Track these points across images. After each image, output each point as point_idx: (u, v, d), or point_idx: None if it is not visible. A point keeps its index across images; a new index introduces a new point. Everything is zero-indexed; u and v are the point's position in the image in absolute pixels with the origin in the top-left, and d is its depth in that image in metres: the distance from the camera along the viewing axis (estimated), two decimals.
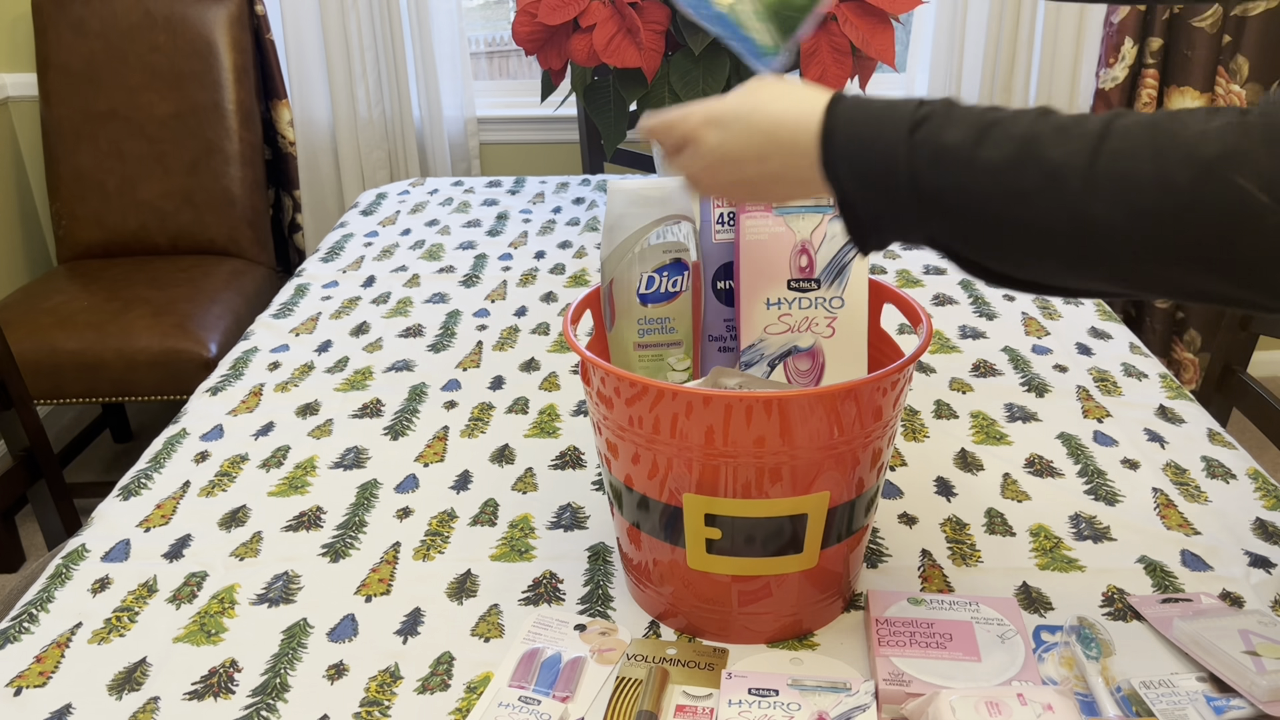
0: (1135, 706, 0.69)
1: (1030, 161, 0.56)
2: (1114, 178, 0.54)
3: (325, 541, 0.92)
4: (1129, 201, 0.54)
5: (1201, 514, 0.92)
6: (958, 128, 0.58)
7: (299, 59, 2.53)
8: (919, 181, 0.59)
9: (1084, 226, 0.55)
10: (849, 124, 0.61)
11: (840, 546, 0.76)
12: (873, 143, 0.60)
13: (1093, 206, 0.55)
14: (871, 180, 0.61)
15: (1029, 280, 0.61)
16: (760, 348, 0.80)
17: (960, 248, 0.61)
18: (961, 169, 0.58)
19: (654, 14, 1.52)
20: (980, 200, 0.58)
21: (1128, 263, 0.56)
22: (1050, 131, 0.57)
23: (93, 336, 2.02)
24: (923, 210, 0.60)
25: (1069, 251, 0.57)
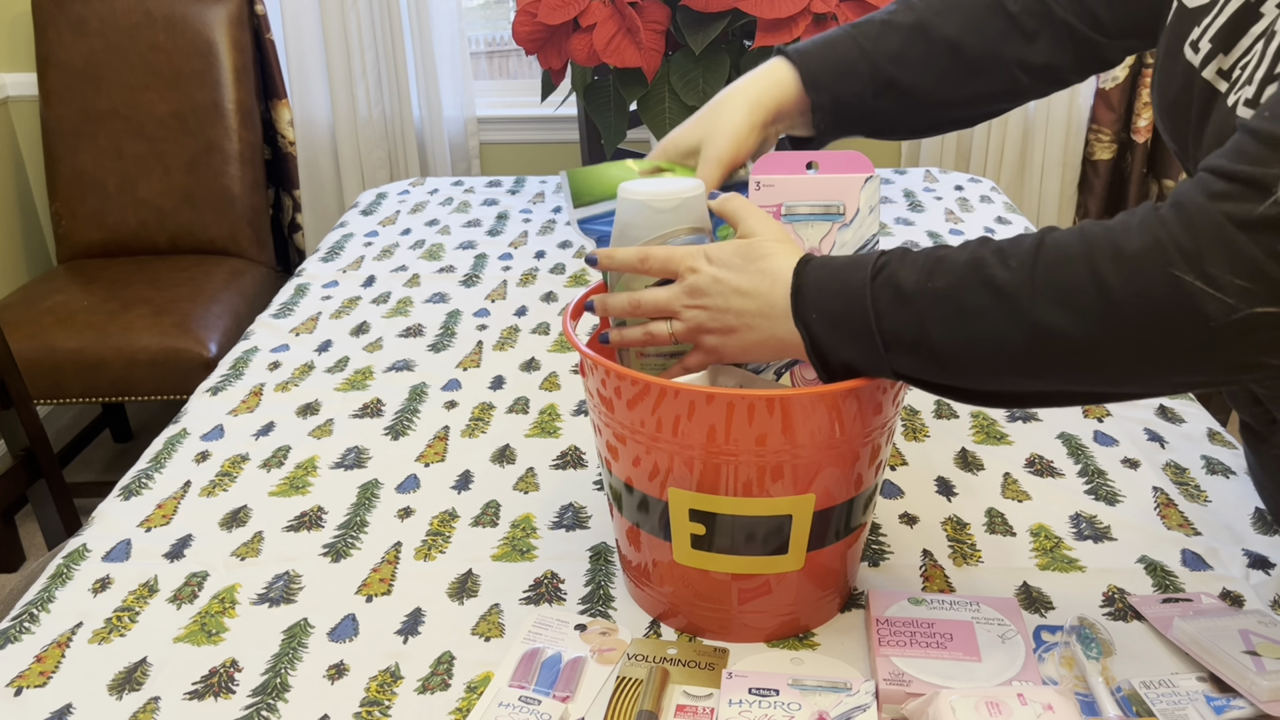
0: (1135, 706, 0.69)
1: (978, 282, 0.61)
2: (1054, 284, 0.59)
3: (326, 541, 0.92)
4: (1072, 304, 0.58)
5: (1201, 514, 0.92)
6: (911, 267, 0.64)
7: (299, 59, 2.54)
8: (882, 321, 0.64)
9: (1037, 335, 0.60)
10: (817, 280, 0.67)
11: (839, 545, 0.76)
12: (839, 291, 0.66)
13: (1041, 315, 0.59)
14: (839, 325, 0.66)
15: (1000, 393, 0.65)
16: None
17: (929, 375, 0.65)
18: (918, 301, 0.63)
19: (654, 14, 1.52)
20: (939, 326, 0.62)
21: (1095, 363, 0.59)
22: (991, 254, 0.62)
23: (93, 336, 2.02)
24: (889, 346, 0.64)
25: (1029, 362, 0.61)
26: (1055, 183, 2.56)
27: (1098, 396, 0.63)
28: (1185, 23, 0.72)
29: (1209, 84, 0.69)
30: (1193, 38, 0.71)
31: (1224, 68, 0.68)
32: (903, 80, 0.86)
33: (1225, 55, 0.68)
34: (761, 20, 1.46)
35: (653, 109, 1.55)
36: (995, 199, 1.73)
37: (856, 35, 0.87)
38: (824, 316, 0.66)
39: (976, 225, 1.60)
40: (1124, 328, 0.57)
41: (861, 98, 0.86)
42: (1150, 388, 0.61)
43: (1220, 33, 0.68)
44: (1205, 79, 0.69)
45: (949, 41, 0.85)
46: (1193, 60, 0.70)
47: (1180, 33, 0.73)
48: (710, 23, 1.48)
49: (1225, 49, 0.68)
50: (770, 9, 1.45)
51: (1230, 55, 0.67)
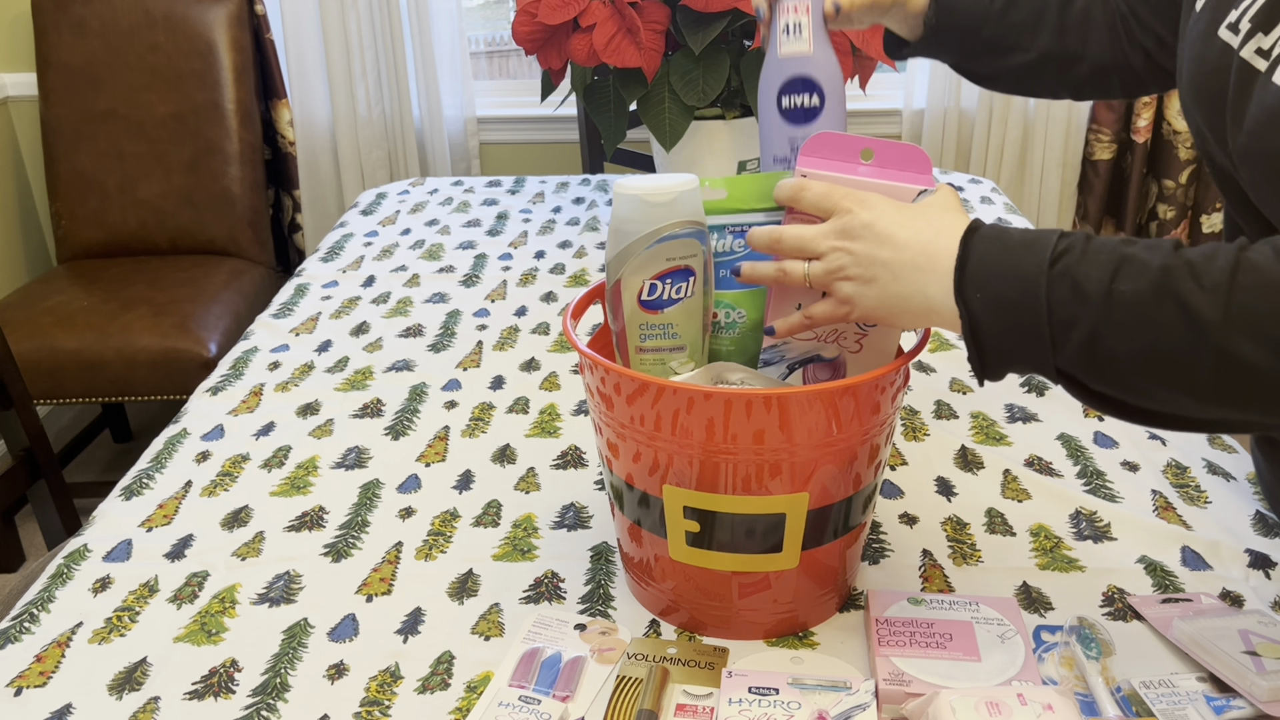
0: (1135, 707, 0.69)
1: (1165, 296, 0.57)
2: (1251, 313, 0.55)
3: (327, 541, 0.92)
4: (1269, 336, 0.55)
5: (1201, 516, 0.92)
6: (1094, 262, 0.59)
7: (299, 59, 2.54)
8: (1055, 314, 0.59)
9: (1225, 364, 0.56)
10: (987, 253, 0.62)
11: (837, 543, 0.76)
12: (1011, 273, 0.61)
13: (1233, 344, 0.55)
14: (1006, 310, 0.61)
15: (1165, 413, 0.61)
16: (782, 349, 0.79)
17: (1091, 380, 0.61)
18: (1098, 303, 0.58)
19: (654, 14, 1.52)
20: (1117, 334, 0.58)
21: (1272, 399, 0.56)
22: (1184, 265, 0.57)
23: (93, 336, 2.02)
24: (1056, 343, 0.60)
25: (1210, 389, 0.57)
26: (1055, 183, 2.56)
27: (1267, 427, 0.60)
28: (1221, 7, 0.72)
29: (1247, 64, 0.67)
30: (1230, 20, 0.70)
31: (1263, 47, 0.66)
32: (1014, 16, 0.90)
33: (1265, 35, 0.66)
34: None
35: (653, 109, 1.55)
36: (996, 200, 1.73)
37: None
38: (991, 299, 0.61)
39: None
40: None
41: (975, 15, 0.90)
42: None
43: (1261, 12, 0.67)
44: (1243, 59, 0.68)
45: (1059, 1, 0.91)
46: (1231, 42, 0.69)
47: (1216, 18, 0.72)
48: (710, 23, 1.48)
49: (1266, 29, 0.66)
50: None
51: (1271, 34, 0.66)
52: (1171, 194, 2.51)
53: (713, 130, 1.56)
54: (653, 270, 0.77)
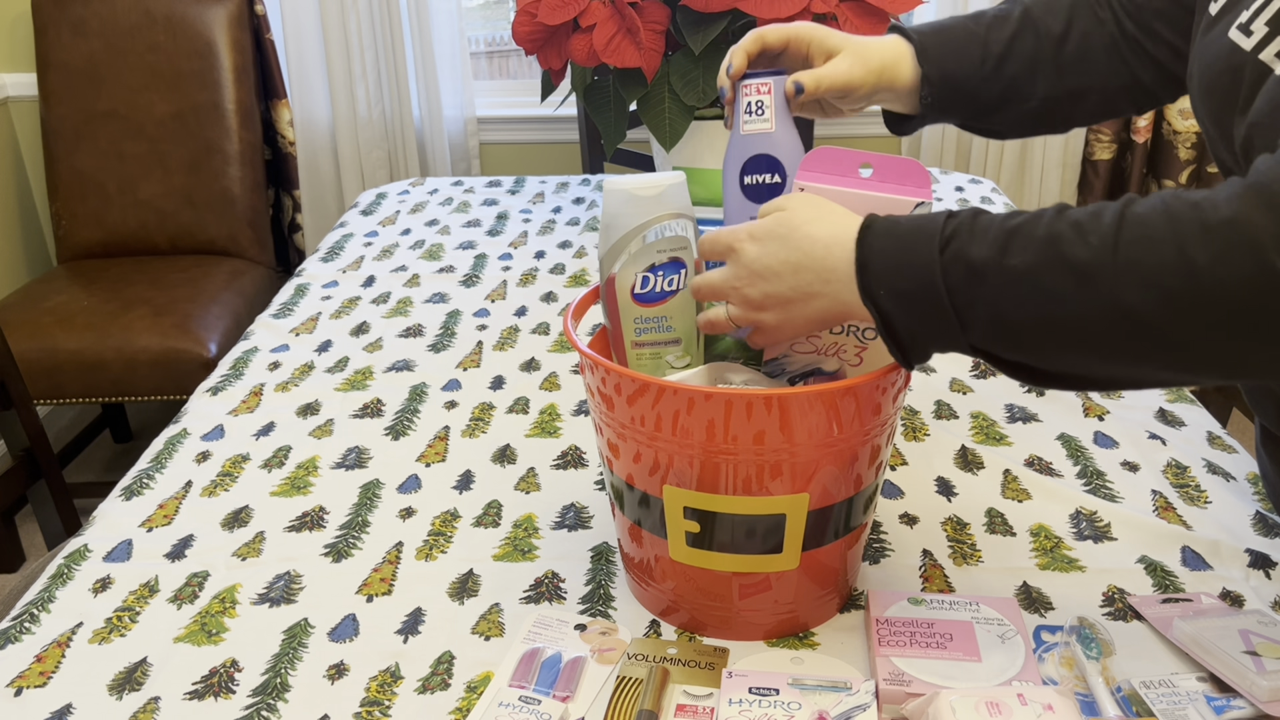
0: (1135, 707, 0.69)
1: (1057, 261, 0.59)
2: (1138, 265, 0.56)
3: (328, 541, 0.92)
4: (1157, 285, 0.56)
5: (1201, 516, 0.92)
6: (983, 241, 0.61)
7: (299, 59, 2.54)
8: (955, 297, 0.62)
9: (1120, 318, 0.57)
10: (882, 251, 0.64)
11: (838, 544, 0.76)
12: (906, 266, 0.63)
13: (1123, 296, 0.57)
14: (910, 301, 0.63)
15: (1076, 375, 0.63)
16: (783, 362, 0.79)
17: (1003, 352, 0.63)
18: (992, 279, 0.60)
19: (654, 14, 1.52)
20: (1016, 307, 0.60)
21: (1175, 345, 0.57)
22: (1070, 228, 0.59)
23: (93, 336, 2.02)
24: (962, 323, 0.62)
25: (1109, 344, 0.59)
26: (1055, 183, 2.56)
27: (1177, 381, 0.61)
28: (1232, 11, 0.72)
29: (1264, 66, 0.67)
30: (1241, 21, 0.70)
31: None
32: (1010, 68, 0.87)
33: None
34: (761, 20, 1.46)
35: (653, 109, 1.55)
36: (996, 200, 1.73)
37: (968, 22, 0.89)
38: (893, 294, 0.64)
39: None
40: (1210, 311, 0.55)
41: (969, 79, 0.87)
42: (1233, 373, 0.59)
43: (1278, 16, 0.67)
44: (1261, 61, 0.67)
45: (1055, 35, 0.88)
46: (1241, 43, 0.69)
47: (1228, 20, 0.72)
48: (710, 23, 1.48)
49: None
50: (770, 9, 1.45)
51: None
52: None
53: (713, 130, 1.56)
54: (644, 263, 0.77)
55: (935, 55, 0.86)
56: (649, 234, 0.77)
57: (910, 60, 0.86)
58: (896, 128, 0.94)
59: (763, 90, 0.81)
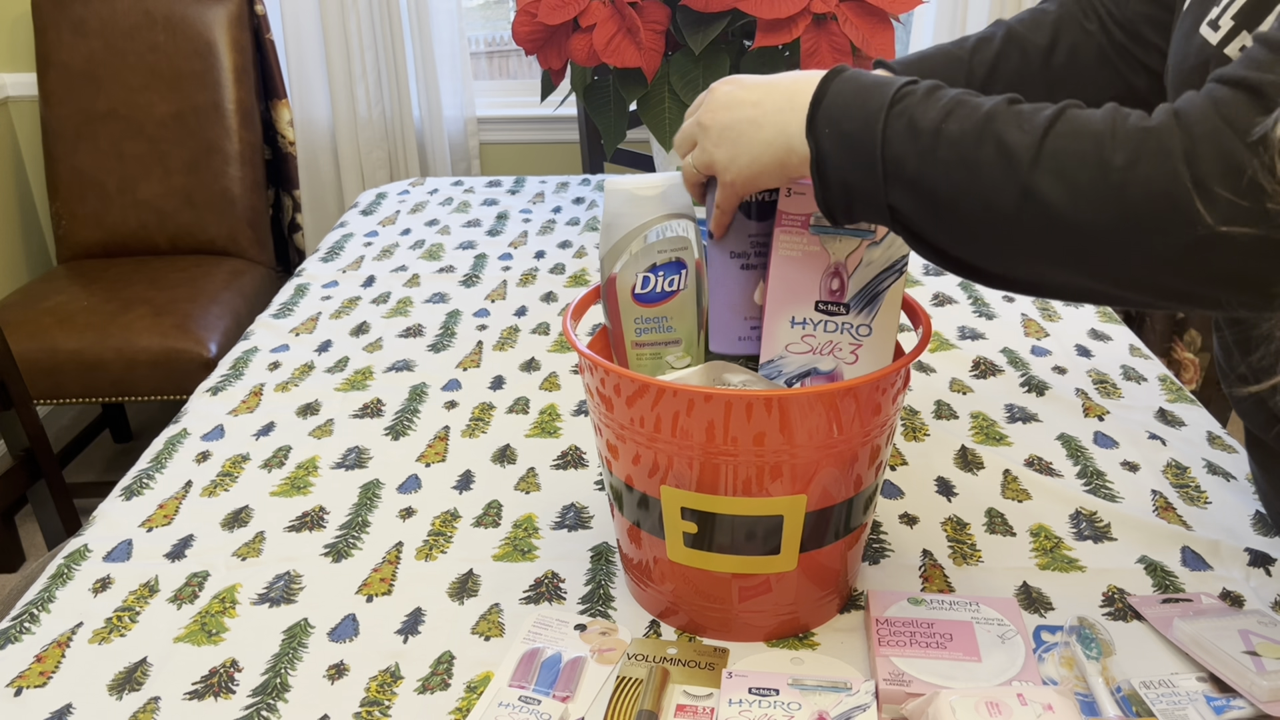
0: (1135, 707, 0.69)
1: (987, 136, 0.60)
2: (1058, 154, 0.57)
3: (328, 541, 0.92)
4: (1070, 177, 0.57)
5: (1201, 516, 0.92)
6: (932, 104, 0.62)
7: (299, 59, 2.54)
8: (888, 148, 0.62)
9: (1028, 202, 0.58)
10: (840, 92, 0.65)
11: (838, 544, 0.76)
12: (857, 111, 0.64)
13: (1037, 181, 0.58)
14: (847, 143, 0.64)
15: (980, 268, 0.63)
16: (779, 364, 0.79)
17: (918, 223, 0.64)
18: (926, 139, 0.61)
19: (654, 14, 1.52)
20: (939, 170, 0.61)
21: (1076, 245, 0.58)
22: (1011, 112, 0.60)
23: (93, 336, 2.02)
24: (888, 176, 0.63)
25: (1016, 231, 0.59)
26: None
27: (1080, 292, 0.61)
28: (1204, 5, 0.72)
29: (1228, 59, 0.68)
30: (1211, 16, 0.70)
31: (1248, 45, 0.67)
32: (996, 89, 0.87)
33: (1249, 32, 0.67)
34: (761, 20, 1.46)
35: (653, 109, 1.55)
36: None
37: (952, 48, 0.89)
38: (836, 134, 0.64)
39: None
40: (1114, 212, 0.56)
41: None
42: (1129, 285, 0.59)
43: (1244, 10, 0.67)
44: (1226, 56, 0.68)
45: (1040, 51, 0.87)
46: (1210, 39, 0.70)
47: (1200, 13, 0.72)
48: (710, 23, 1.48)
49: (1250, 26, 0.67)
50: (770, 9, 1.45)
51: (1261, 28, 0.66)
52: None
53: None
54: (645, 263, 0.77)
55: None
56: (650, 234, 0.77)
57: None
58: None
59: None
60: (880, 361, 0.78)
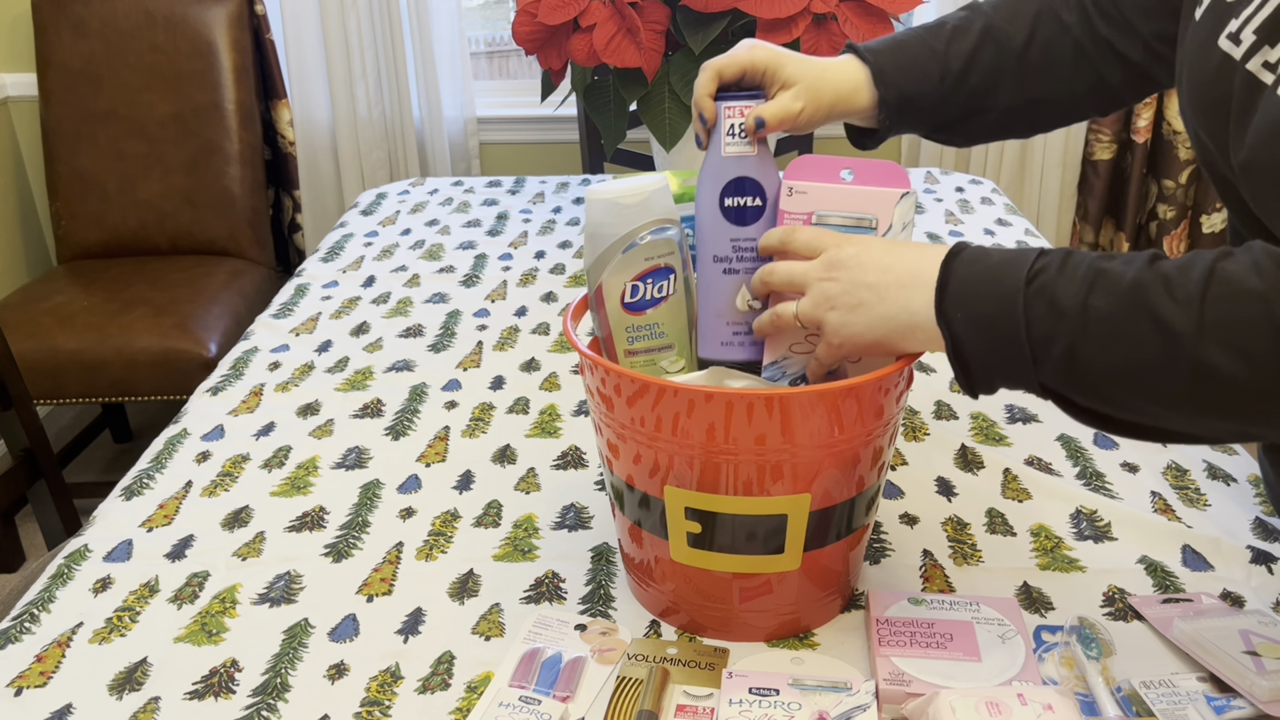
0: (1135, 707, 0.69)
1: (1140, 312, 0.58)
2: (1224, 323, 0.55)
3: (328, 541, 0.92)
4: (1243, 347, 0.55)
5: (1201, 518, 0.92)
6: (1070, 279, 0.60)
7: (299, 59, 2.54)
8: (1033, 330, 0.61)
9: (1200, 375, 0.56)
10: (967, 276, 0.63)
11: (840, 545, 0.76)
12: (990, 292, 0.62)
13: (1207, 355, 0.56)
14: (986, 328, 0.62)
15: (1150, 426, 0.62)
16: (784, 365, 0.79)
17: (1076, 397, 0.62)
18: (1073, 318, 0.59)
19: (654, 14, 1.52)
20: (1093, 348, 0.59)
21: (1252, 407, 0.57)
22: (1158, 280, 0.58)
23: (93, 336, 2.02)
24: (1037, 359, 0.61)
25: (1187, 399, 0.58)
26: (1055, 183, 2.56)
27: (1255, 436, 0.60)
28: (1221, 15, 0.71)
29: (1253, 76, 0.67)
30: (1230, 30, 0.69)
31: (1270, 60, 0.65)
32: (971, 82, 0.86)
33: (1272, 48, 0.65)
34: (761, 20, 1.46)
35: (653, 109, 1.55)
36: (996, 200, 1.73)
37: (928, 37, 0.87)
38: (971, 318, 0.63)
39: (977, 227, 1.60)
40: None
41: (928, 97, 0.86)
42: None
43: (1266, 25, 0.66)
44: (1249, 71, 0.67)
45: (1016, 46, 0.86)
46: (1232, 53, 0.68)
47: (1215, 27, 0.71)
48: (710, 23, 1.48)
49: (1272, 41, 0.65)
50: (770, 9, 1.45)
51: (1278, 47, 0.65)
52: (1171, 194, 2.51)
53: None
54: (632, 272, 0.77)
55: (893, 78, 0.85)
56: (635, 241, 0.76)
57: (867, 85, 0.85)
58: (859, 142, 0.92)
59: (746, 113, 0.80)
60: (883, 363, 0.78)
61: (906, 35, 0.88)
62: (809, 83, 0.83)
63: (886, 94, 0.85)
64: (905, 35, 0.88)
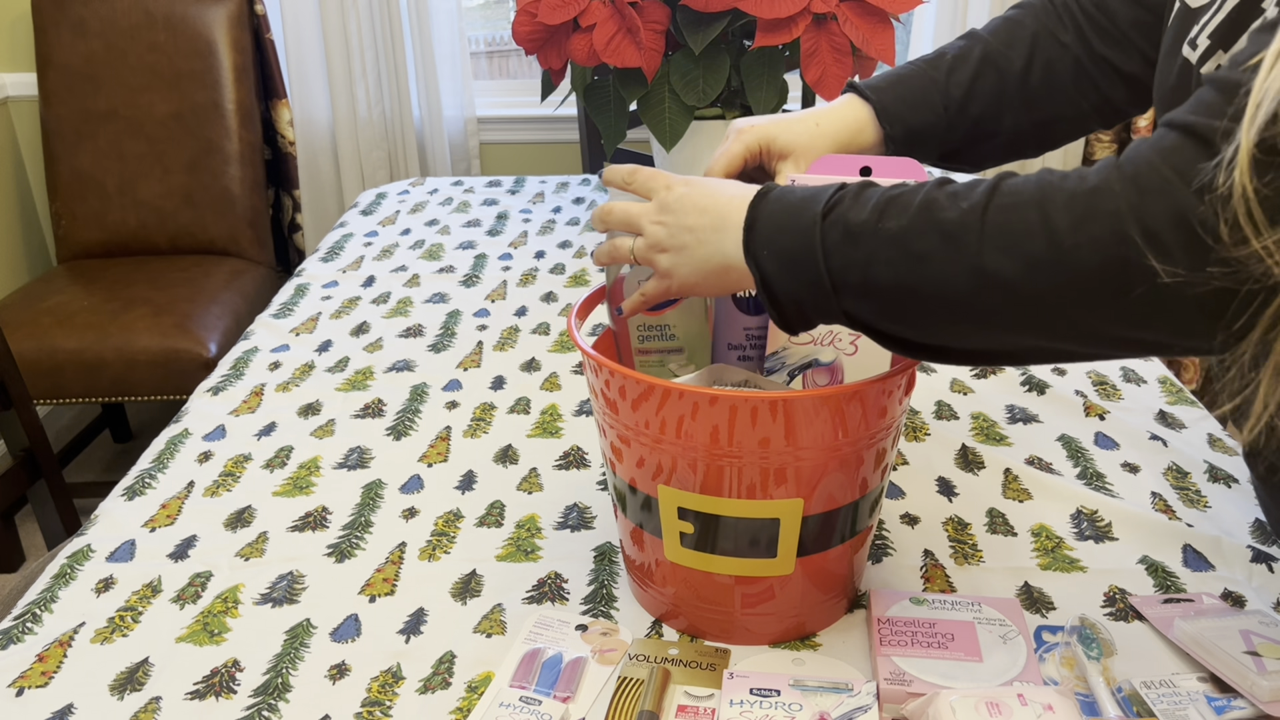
0: (1136, 707, 0.69)
1: (928, 225, 0.60)
2: (1003, 229, 0.57)
3: (331, 542, 0.92)
4: (1020, 251, 0.57)
5: (1201, 519, 0.92)
6: (864, 205, 0.62)
7: (299, 59, 2.54)
8: (831, 260, 0.62)
9: (983, 281, 0.58)
10: (771, 213, 0.65)
11: (844, 547, 0.76)
12: (790, 225, 0.64)
13: (987, 260, 0.57)
14: (788, 262, 0.64)
15: (945, 346, 0.63)
16: (783, 356, 0.79)
17: (877, 322, 0.63)
18: (867, 242, 0.61)
19: (654, 14, 1.52)
20: (886, 270, 0.61)
21: (1036, 314, 0.58)
22: (944, 196, 0.60)
23: (93, 336, 2.02)
24: (837, 288, 0.63)
25: (975, 310, 0.59)
26: None
27: (1045, 354, 0.61)
28: (1186, 22, 0.72)
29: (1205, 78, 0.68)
30: (1191, 35, 0.70)
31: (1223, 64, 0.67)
32: (973, 110, 0.87)
33: (1225, 52, 0.67)
34: (761, 20, 1.46)
35: (653, 109, 1.55)
36: None
37: (927, 69, 0.88)
38: (774, 254, 0.65)
39: None
40: (1070, 277, 0.56)
41: (934, 128, 0.87)
42: (1096, 346, 0.59)
43: (1220, 29, 0.67)
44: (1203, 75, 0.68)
45: (1017, 71, 0.87)
46: (1190, 57, 0.70)
47: (1181, 32, 0.72)
48: (710, 23, 1.48)
49: (1225, 45, 0.67)
50: (770, 9, 1.45)
51: (1230, 52, 0.66)
52: None
53: (713, 130, 1.56)
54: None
55: (896, 113, 0.86)
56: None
57: (871, 123, 0.86)
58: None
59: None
60: (879, 353, 0.78)
61: (906, 69, 0.89)
62: (802, 147, 0.84)
63: (893, 130, 0.86)
64: (905, 69, 0.89)
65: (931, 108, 0.86)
